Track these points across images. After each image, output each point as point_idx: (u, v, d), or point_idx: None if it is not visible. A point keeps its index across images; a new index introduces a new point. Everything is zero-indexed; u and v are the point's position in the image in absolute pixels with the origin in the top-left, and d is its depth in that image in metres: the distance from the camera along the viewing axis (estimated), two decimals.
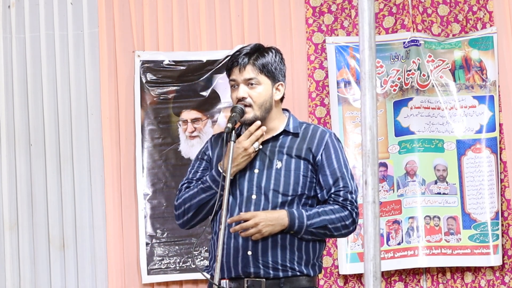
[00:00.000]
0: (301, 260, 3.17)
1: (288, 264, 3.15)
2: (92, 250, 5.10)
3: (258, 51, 3.23)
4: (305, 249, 3.19)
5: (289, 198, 3.17)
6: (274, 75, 3.22)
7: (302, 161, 3.19)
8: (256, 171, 3.19)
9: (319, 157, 3.20)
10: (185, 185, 3.31)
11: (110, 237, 5.09)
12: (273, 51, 3.26)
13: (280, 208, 3.16)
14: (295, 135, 3.24)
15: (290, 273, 3.15)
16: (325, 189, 3.19)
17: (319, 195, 3.21)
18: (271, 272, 3.14)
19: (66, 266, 5.09)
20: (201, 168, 3.31)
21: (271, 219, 3.10)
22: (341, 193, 3.18)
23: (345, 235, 3.23)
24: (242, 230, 3.10)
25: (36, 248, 5.10)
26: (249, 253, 3.13)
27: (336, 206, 3.16)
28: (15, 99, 5.16)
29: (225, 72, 3.31)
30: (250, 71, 3.19)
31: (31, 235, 5.11)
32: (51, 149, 5.13)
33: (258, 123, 3.16)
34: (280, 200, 3.16)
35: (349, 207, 3.17)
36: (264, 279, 3.13)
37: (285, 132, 3.24)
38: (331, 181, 3.18)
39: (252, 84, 3.19)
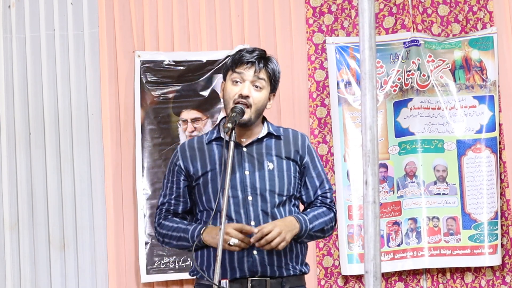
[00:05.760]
0: (298, 259, 3.25)
1: (290, 263, 3.21)
2: (92, 250, 5.10)
3: (267, 57, 3.24)
4: (300, 249, 3.27)
5: (284, 198, 3.22)
6: (274, 85, 3.27)
7: (291, 163, 3.26)
8: (247, 172, 3.20)
9: (306, 159, 3.28)
10: (165, 207, 3.32)
11: (110, 237, 5.09)
12: (275, 61, 3.29)
13: (277, 208, 3.20)
14: (278, 137, 3.28)
15: (291, 272, 3.21)
16: (312, 190, 3.29)
17: (303, 196, 3.30)
18: (276, 270, 3.18)
19: (67, 266, 5.09)
20: (180, 184, 3.30)
21: (288, 225, 3.15)
22: (328, 195, 3.31)
23: (329, 235, 3.42)
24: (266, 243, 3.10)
25: (37, 248, 5.10)
26: (255, 252, 3.15)
27: (324, 209, 3.28)
28: (16, 99, 5.16)
29: None
30: (263, 74, 3.20)
31: (31, 235, 5.11)
32: (52, 149, 5.13)
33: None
34: (277, 200, 3.20)
35: (334, 209, 3.32)
36: (269, 278, 3.16)
37: (268, 135, 3.27)
38: (317, 183, 3.29)
39: (258, 86, 3.20)
